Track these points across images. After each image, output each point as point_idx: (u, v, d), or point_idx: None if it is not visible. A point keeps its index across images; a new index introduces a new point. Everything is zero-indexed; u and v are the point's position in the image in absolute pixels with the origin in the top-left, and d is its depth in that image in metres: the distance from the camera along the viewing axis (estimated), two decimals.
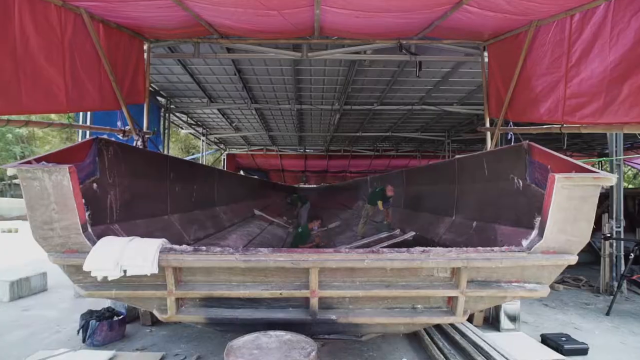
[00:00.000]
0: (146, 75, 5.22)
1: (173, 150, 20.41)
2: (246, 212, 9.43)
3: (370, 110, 9.49)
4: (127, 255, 2.43)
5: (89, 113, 5.20)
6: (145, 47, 5.19)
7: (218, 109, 9.68)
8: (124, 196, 3.91)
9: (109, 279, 2.43)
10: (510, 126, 4.60)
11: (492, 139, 5.31)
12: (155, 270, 2.46)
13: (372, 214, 7.55)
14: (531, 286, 2.73)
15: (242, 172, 17.28)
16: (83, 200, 2.55)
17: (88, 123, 5.21)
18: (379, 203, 6.95)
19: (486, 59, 5.36)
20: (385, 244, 6.26)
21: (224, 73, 7.16)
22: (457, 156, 5.07)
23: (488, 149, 5.40)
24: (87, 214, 2.60)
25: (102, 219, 3.43)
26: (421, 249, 2.69)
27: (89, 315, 3.62)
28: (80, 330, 3.60)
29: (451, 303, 2.80)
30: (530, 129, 4.28)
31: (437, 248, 2.70)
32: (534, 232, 2.76)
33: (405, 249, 2.67)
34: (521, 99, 4.36)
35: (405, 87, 8.05)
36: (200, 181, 6.47)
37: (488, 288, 2.71)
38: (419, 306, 2.81)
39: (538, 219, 2.73)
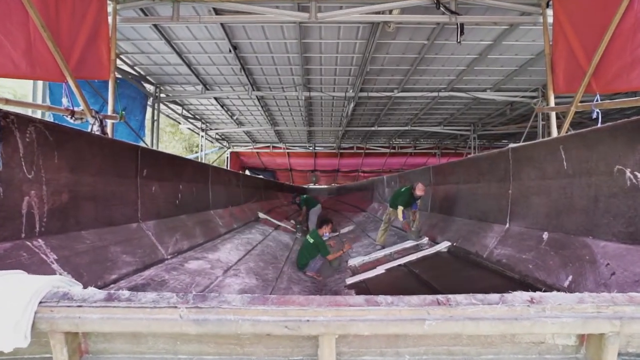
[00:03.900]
0: (111, 45, 4.09)
1: (176, 149, 19.47)
2: (249, 216, 8.40)
3: (390, 98, 8.24)
4: None
5: (41, 86, 4.09)
6: (110, 8, 4.08)
7: (215, 98, 8.55)
8: (60, 198, 2.84)
9: None
10: (597, 101, 3.31)
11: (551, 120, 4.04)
12: (23, 343, 1.28)
13: (395, 219, 6.31)
14: None
15: (247, 172, 16.20)
16: None
17: (40, 100, 4.10)
18: (399, 210, 5.71)
19: (550, 19, 4.10)
20: (414, 257, 5.04)
21: (218, 50, 6.01)
22: (512, 145, 3.82)
23: (553, 135, 4.13)
24: None
25: (11, 231, 2.34)
26: (526, 295, 1.44)
27: None
28: None
29: None
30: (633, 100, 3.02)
31: (556, 294, 1.45)
32: None
33: (498, 297, 1.43)
34: (621, 60, 3.07)
35: (433, 67, 6.78)
36: (188, 180, 5.38)
37: None
38: None
39: None
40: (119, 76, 6.26)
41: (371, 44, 5.50)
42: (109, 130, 4.12)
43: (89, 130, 3.69)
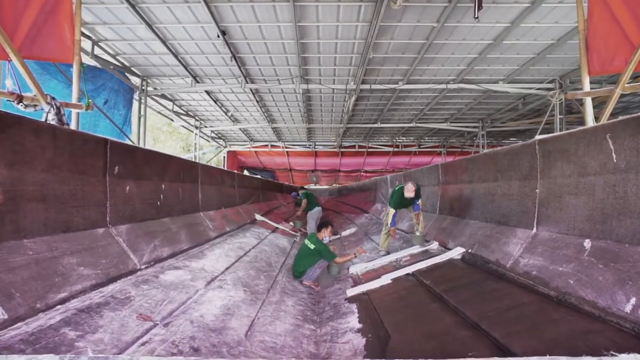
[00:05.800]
0: (76, 22, 3.55)
1: (173, 148, 18.98)
2: (244, 218, 7.90)
3: (394, 91, 7.67)
4: None
5: None
6: None
7: (206, 92, 8.00)
8: None
9: None
10: None
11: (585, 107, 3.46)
12: None
13: (398, 221, 5.73)
14: None
15: (246, 172, 15.69)
16: None
17: None
18: (389, 213, 5.20)
19: None
20: (423, 265, 4.47)
21: (205, 37, 5.46)
22: (539, 137, 3.26)
23: (590, 124, 3.56)
24: None
25: None
26: None
27: None
28: None
29: None
30: None
31: None
32: None
33: None
34: None
35: (442, 55, 6.20)
36: (173, 179, 4.86)
37: None
38: None
39: None
40: (98, 65, 5.74)
41: (374, 27, 4.93)
42: (73, 120, 3.58)
43: (43, 119, 3.14)
